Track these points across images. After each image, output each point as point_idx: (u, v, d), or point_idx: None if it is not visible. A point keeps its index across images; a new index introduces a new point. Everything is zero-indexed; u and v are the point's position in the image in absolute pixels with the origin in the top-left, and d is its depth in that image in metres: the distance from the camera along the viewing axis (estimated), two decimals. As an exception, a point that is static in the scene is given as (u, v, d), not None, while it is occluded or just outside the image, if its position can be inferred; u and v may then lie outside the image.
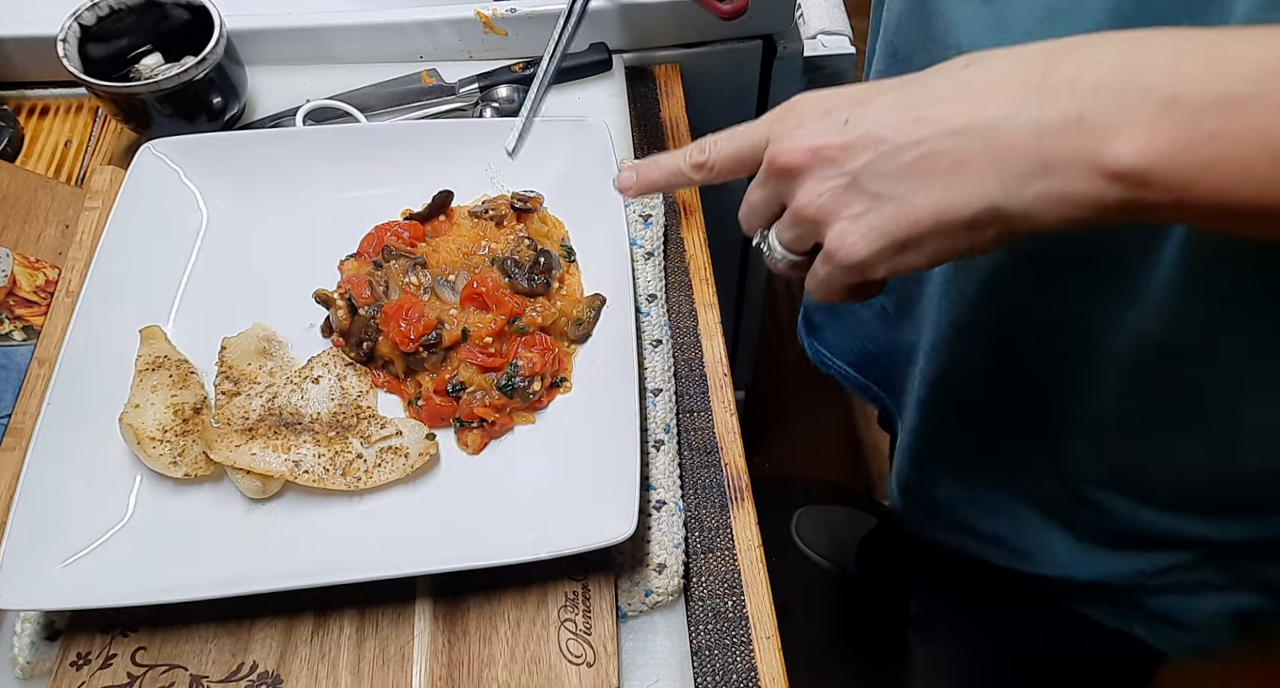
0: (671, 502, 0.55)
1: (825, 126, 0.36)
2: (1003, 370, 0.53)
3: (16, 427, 0.56)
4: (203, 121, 0.68)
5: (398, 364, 0.57)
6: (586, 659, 0.49)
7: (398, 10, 0.73)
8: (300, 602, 0.51)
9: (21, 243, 0.63)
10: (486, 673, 0.48)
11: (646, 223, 0.66)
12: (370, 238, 0.62)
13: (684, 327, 0.63)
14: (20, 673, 0.50)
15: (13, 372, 0.58)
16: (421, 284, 0.58)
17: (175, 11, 0.68)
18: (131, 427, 0.52)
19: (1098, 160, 0.30)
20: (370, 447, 0.53)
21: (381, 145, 0.65)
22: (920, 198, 0.34)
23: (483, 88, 0.73)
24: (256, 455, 0.51)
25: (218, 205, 0.64)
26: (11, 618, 0.51)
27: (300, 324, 0.60)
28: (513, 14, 0.73)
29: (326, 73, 0.75)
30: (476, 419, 0.55)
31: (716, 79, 0.81)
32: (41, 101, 0.76)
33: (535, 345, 0.57)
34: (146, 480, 0.53)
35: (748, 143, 0.41)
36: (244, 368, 0.57)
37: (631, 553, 0.53)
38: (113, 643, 0.50)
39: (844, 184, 0.35)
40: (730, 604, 0.53)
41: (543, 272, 0.58)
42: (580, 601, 0.51)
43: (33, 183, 0.66)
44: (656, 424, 0.57)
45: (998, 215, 0.33)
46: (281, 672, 0.49)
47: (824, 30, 0.87)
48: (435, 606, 0.51)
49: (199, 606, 0.49)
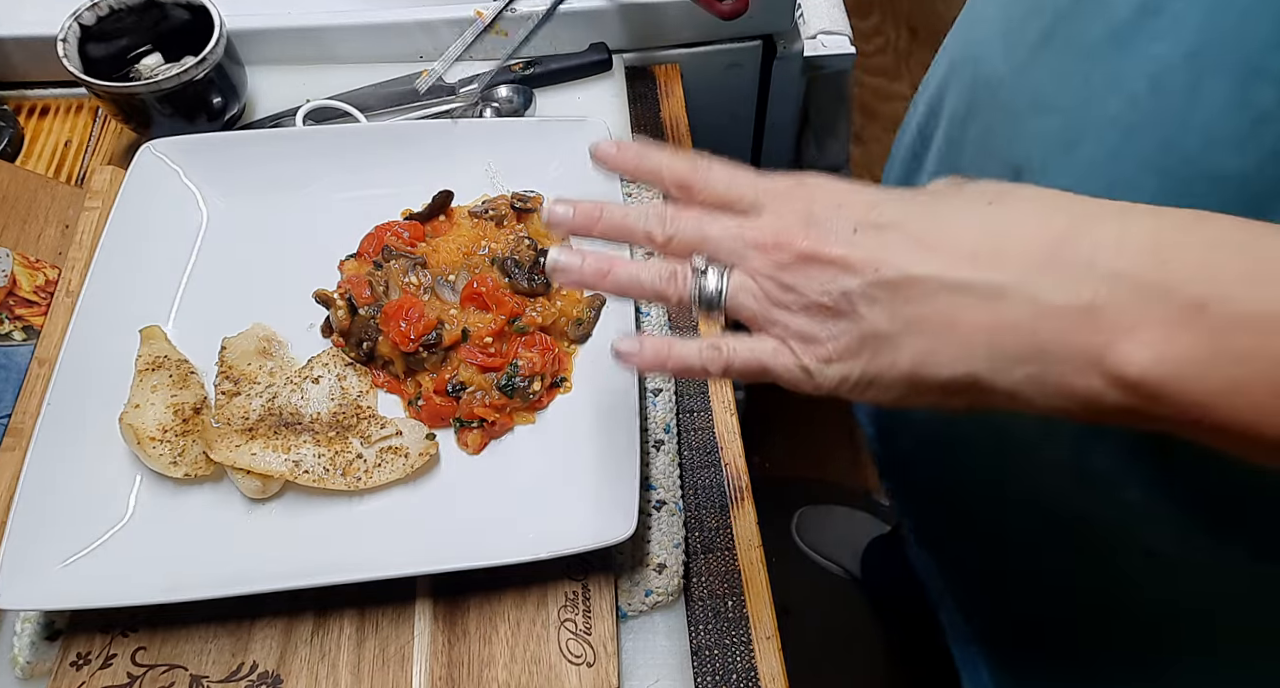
0: (671, 502, 0.55)
1: (832, 230, 0.32)
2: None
3: (16, 427, 0.56)
4: (203, 121, 0.68)
5: (398, 364, 0.57)
6: (586, 659, 0.49)
7: (398, 10, 0.73)
8: (300, 602, 0.51)
9: (21, 243, 0.63)
10: (486, 673, 0.48)
11: (646, 223, 0.66)
12: (370, 238, 0.62)
13: (684, 327, 0.63)
14: (20, 673, 0.50)
15: (13, 372, 0.58)
16: (421, 284, 0.58)
17: (175, 11, 0.68)
18: (131, 427, 0.52)
19: (1101, 360, 0.27)
20: (370, 447, 0.53)
21: (381, 145, 0.65)
22: (904, 344, 0.31)
23: (483, 88, 0.73)
24: (256, 455, 0.51)
25: (218, 205, 0.64)
26: (11, 618, 0.51)
27: (300, 324, 0.60)
28: (513, 14, 0.73)
29: (326, 73, 0.75)
30: (476, 419, 0.55)
31: (716, 79, 0.81)
32: (41, 101, 0.76)
33: (535, 345, 0.57)
34: (146, 480, 0.53)
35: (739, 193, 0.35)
36: (244, 368, 0.57)
37: (631, 553, 0.53)
38: (113, 643, 0.50)
39: (835, 301, 0.32)
40: (730, 604, 0.53)
41: (542, 272, 0.58)
42: (580, 601, 0.51)
43: (33, 183, 0.66)
44: (656, 424, 0.57)
45: (977, 386, 0.30)
46: (281, 672, 0.49)
47: (824, 30, 0.87)
48: (435, 606, 0.51)
49: (199, 606, 0.49)
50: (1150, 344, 0.26)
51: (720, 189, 0.36)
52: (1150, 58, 0.35)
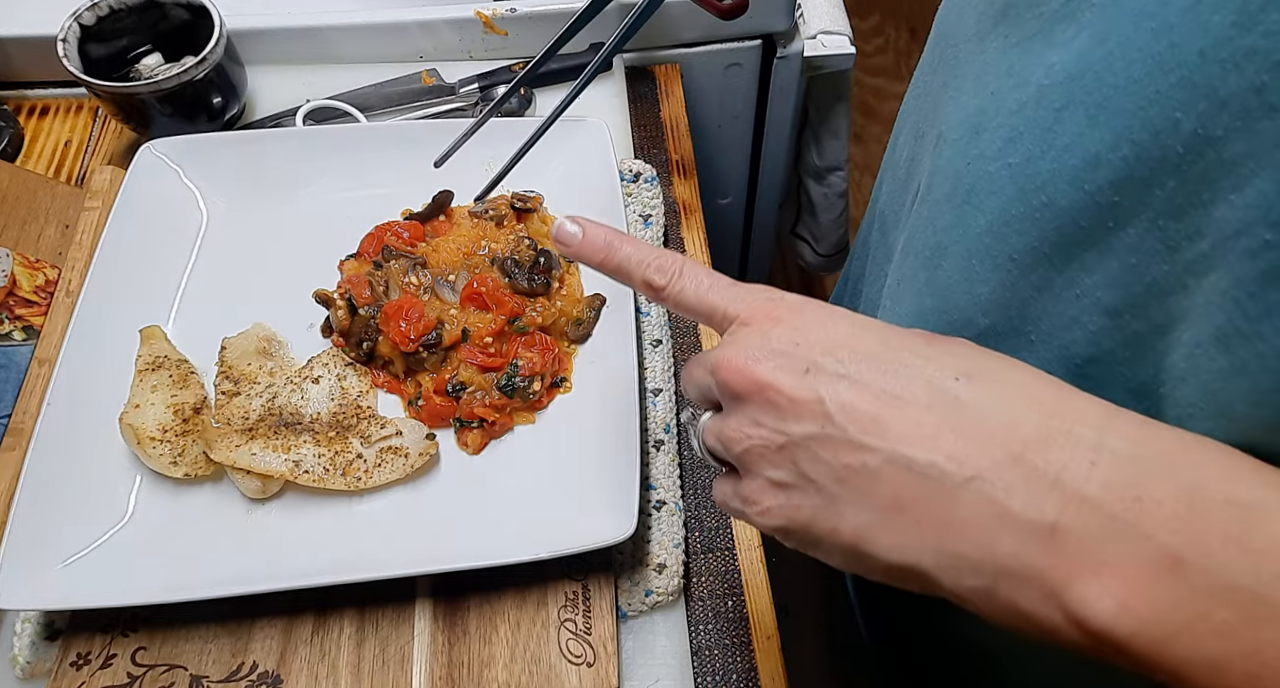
0: (671, 502, 0.55)
1: (784, 362, 0.30)
2: None
3: (16, 427, 0.56)
4: (203, 121, 0.68)
5: (398, 364, 0.57)
6: (586, 659, 0.49)
7: (398, 10, 0.73)
8: (300, 602, 0.51)
9: (21, 243, 0.63)
10: (486, 673, 0.48)
11: (646, 223, 0.66)
12: (370, 238, 0.62)
13: (684, 326, 0.63)
14: (20, 673, 0.50)
15: (13, 372, 0.58)
16: (421, 284, 0.58)
17: (175, 11, 0.68)
18: (131, 427, 0.52)
19: (1059, 596, 0.24)
20: (370, 447, 0.53)
21: (381, 145, 0.65)
22: (848, 514, 0.28)
23: (483, 88, 0.73)
24: (256, 455, 0.51)
25: (218, 205, 0.64)
26: (11, 618, 0.51)
27: (300, 324, 0.60)
28: (513, 14, 0.73)
29: (326, 73, 0.75)
30: (476, 419, 0.55)
31: (716, 79, 0.81)
32: (41, 101, 0.76)
33: (535, 345, 0.57)
34: (146, 480, 0.53)
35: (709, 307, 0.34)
36: (244, 368, 0.57)
37: (631, 553, 0.53)
38: (113, 643, 0.50)
39: (779, 443, 0.30)
40: (730, 604, 0.53)
41: (543, 272, 0.58)
42: (580, 601, 0.51)
43: (33, 183, 0.66)
44: (656, 424, 0.57)
45: (923, 579, 0.28)
46: (281, 672, 0.49)
47: (824, 30, 0.87)
48: (435, 606, 0.51)
49: (199, 606, 0.49)
50: (1113, 592, 0.24)
51: (690, 302, 0.34)
52: (1046, 66, 0.33)
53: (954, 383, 0.28)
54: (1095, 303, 0.32)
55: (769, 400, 0.30)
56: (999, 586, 0.26)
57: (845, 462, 0.28)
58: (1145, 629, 0.23)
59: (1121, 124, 0.28)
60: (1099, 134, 0.29)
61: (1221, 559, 0.23)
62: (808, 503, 0.30)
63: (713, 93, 0.82)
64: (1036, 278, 0.34)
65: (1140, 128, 0.28)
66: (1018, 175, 0.34)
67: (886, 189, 0.56)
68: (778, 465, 0.30)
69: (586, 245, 0.37)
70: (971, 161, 0.37)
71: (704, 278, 0.35)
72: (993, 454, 0.26)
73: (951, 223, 0.39)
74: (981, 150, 0.37)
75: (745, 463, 0.31)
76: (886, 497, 0.27)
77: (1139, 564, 0.23)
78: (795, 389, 0.29)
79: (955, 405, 0.27)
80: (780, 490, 0.30)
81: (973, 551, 0.26)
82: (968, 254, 0.38)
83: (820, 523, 0.29)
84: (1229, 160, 0.25)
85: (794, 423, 0.29)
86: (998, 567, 0.25)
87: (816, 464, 0.29)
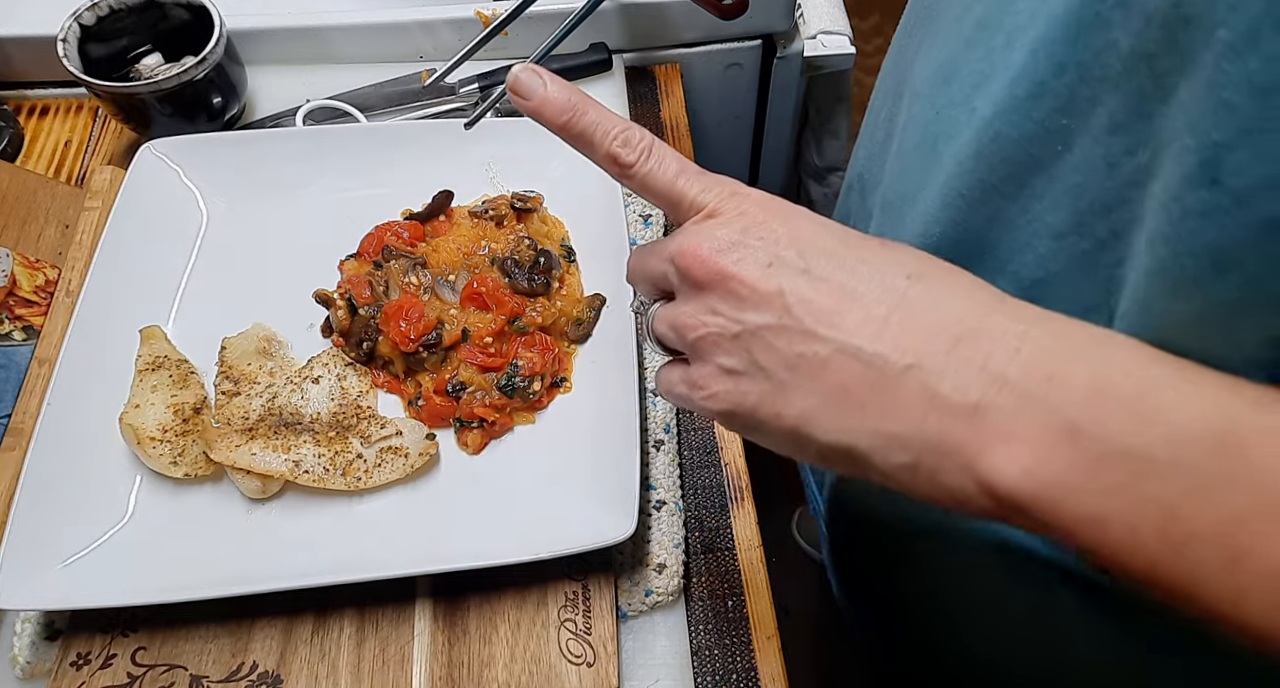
0: (671, 502, 0.55)
1: (748, 254, 0.31)
2: None
3: (16, 427, 0.56)
4: (203, 121, 0.68)
5: (398, 364, 0.57)
6: (586, 659, 0.49)
7: (398, 10, 0.73)
8: (300, 602, 0.51)
9: (21, 243, 0.63)
10: (486, 673, 0.48)
11: (646, 223, 0.66)
12: (370, 238, 0.62)
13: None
14: (20, 673, 0.50)
15: (13, 372, 0.58)
16: (421, 284, 0.58)
17: (175, 11, 0.68)
18: (131, 427, 0.52)
19: (973, 467, 0.27)
20: (370, 447, 0.53)
21: (381, 145, 0.65)
22: (794, 399, 0.30)
23: (483, 88, 0.73)
24: (256, 455, 0.51)
25: (218, 205, 0.64)
26: (11, 618, 0.51)
27: (300, 324, 0.60)
28: (513, 14, 0.73)
29: (326, 73, 0.75)
30: (476, 419, 0.55)
31: (716, 79, 0.81)
32: (41, 101, 0.76)
33: (535, 345, 0.57)
34: (146, 480, 0.53)
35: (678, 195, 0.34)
36: (244, 368, 0.57)
37: (631, 553, 0.53)
38: (113, 643, 0.50)
39: (734, 332, 0.31)
40: (730, 604, 0.53)
41: (543, 272, 0.58)
42: (580, 601, 0.51)
43: (33, 183, 0.66)
44: (656, 424, 0.57)
45: (854, 459, 0.30)
46: (281, 672, 0.49)
47: (824, 30, 0.87)
48: (435, 606, 0.51)
49: (199, 606, 0.49)
50: (1017, 458, 0.26)
51: (659, 186, 0.34)
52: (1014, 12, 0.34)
53: (904, 281, 0.30)
54: (1045, 227, 0.34)
55: (730, 290, 0.31)
56: (923, 460, 0.28)
57: (798, 350, 0.30)
58: (1044, 491, 0.26)
59: (1063, 51, 0.31)
60: (1041, 63, 0.32)
61: (1114, 428, 0.25)
62: (755, 389, 0.31)
63: (713, 93, 0.82)
64: (989, 210, 0.36)
65: (1084, 50, 0.30)
66: (974, 117, 0.36)
67: (864, 152, 0.57)
68: (730, 353, 0.31)
69: (548, 104, 0.35)
70: (940, 109, 0.39)
71: (673, 162, 0.34)
72: (931, 345, 0.28)
73: (918, 171, 0.41)
74: (950, 98, 0.38)
75: (698, 350, 0.33)
76: (833, 383, 0.29)
77: (1042, 434, 0.26)
78: (757, 281, 0.31)
79: (904, 301, 0.29)
80: (730, 377, 0.32)
81: (904, 429, 0.28)
82: (930, 199, 0.40)
83: (765, 408, 0.31)
84: (1159, 74, 0.28)
85: (752, 313, 0.31)
86: (924, 443, 0.28)
87: (769, 353, 0.30)
